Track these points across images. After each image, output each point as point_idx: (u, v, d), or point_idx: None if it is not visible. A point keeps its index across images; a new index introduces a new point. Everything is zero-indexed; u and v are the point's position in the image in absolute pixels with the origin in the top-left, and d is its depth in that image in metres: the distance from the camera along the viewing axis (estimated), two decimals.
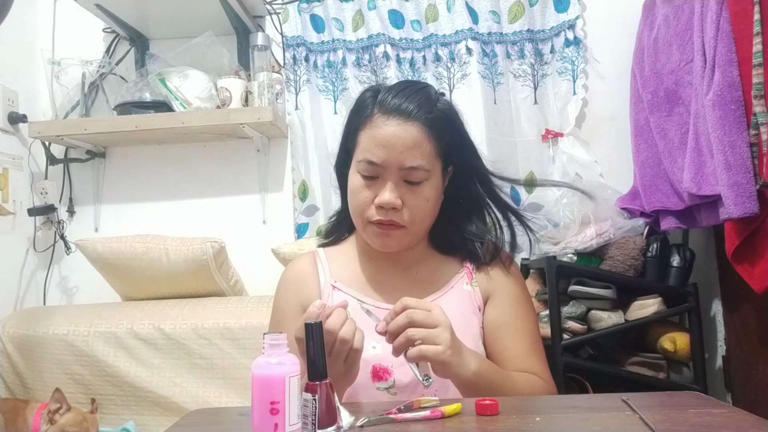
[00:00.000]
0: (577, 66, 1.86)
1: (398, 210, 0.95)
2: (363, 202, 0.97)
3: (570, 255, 1.59)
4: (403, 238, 0.99)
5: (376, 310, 0.93)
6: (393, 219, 0.96)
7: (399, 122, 0.94)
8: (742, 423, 0.67)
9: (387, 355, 0.91)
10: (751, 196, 1.21)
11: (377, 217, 0.96)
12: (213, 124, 1.78)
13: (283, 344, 0.62)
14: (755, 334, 1.50)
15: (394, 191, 0.94)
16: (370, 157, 0.95)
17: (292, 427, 0.61)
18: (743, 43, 1.23)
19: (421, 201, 0.97)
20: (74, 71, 1.96)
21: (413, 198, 0.96)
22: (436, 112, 0.97)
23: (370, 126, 0.96)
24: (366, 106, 0.99)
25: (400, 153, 0.93)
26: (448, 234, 1.08)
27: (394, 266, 1.06)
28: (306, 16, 1.95)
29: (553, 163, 1.87)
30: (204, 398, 1.60)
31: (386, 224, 0.96)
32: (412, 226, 0.98)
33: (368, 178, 0.97)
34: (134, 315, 1.68)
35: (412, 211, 0.96)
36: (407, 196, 0.96)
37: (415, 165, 0.94)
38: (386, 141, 0.94)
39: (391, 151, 0.93)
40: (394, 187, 0.95)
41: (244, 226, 1.97)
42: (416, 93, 0.97)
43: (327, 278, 1.06)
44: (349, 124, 1.03)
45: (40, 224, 1.99)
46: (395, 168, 0.94)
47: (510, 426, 0.68)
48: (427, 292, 1.03)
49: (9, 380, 1.69)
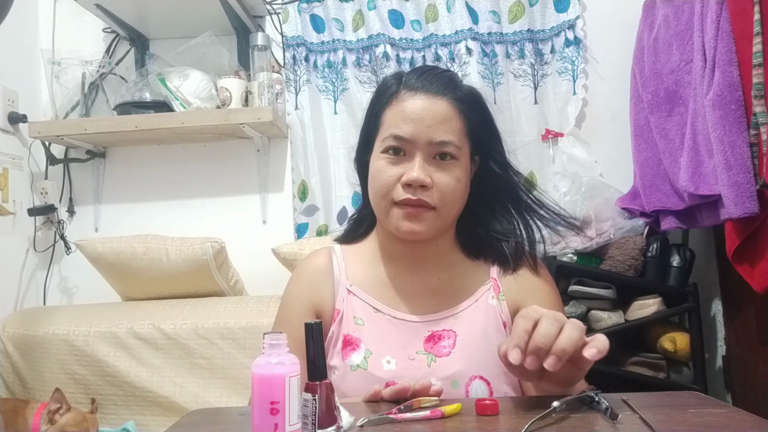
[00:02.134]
0: (577, 66, 1.86)
1: (428, 189, 0.87)
2: (388, 182, 0.89)
3: (570, 255, 1.59)
4: (433, 223, 0.90)
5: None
6: (422, 198, 0.87)
7: (428, 96, 0.89)
8: (742, 423, 0.67)
9: (402, 372, 0.88)
10: (751, 196, 1.21)
11: (404, 196, 0.87)
12: (213, 124, 1.78)
13: (283, 344, 0.62)
14: (755, 334, 1.50)
15: (423, 168, 0.87)
16: (396, 131, 0.88)
17: (292, 427, 0.61)
18: (743, 43, 1.23)
19: (453, 180, 0.89)
20: (74, 71, 1.96)
21: (444, 176, 0.88)
22: (464, 89, 0.93)
23: (396, 102, 0.91)
24: (389, 86, 0.94)
25: (430, 126, 0.87)
26: (474, 233, 1.00)
27: (415, 269, 0.98)
28: (306, 16, 1.95)
29: (553, 163, 1.87)
30: (204, 398, 1.60)
31: (414, 205, 0.88)
32: (443, 209, 0.89)
33: (394, 156, 0.89)
34: (134, 315, 1.68)
35: (442, 191, 0.88)
36: (437, 174, 0.88)
37: (446, 139, 0.87)
38: (414, 114, 0.88)
39: (420, 125, 0.87)
40: (423, 163, 0.87)
41: (244, 226, 1.97)
42: (442, 73, 0.93)
43: (343, 280, 0.98)
44: (372, 107, 0.96)
45: (40, 224, 1.99)
46: (425, 143, 0.87)
47: (510, 426, 0.68)
48: (450, 302, 0.95)
49: (9, 380, 1.68)
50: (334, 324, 0.95)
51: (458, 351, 0.90)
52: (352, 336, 0.93)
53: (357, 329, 0.93)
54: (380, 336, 0.92)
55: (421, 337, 0.92)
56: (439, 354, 0.91)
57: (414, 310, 0.95)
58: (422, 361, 0.90)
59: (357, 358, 0.91)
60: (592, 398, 0.72)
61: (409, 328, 0.93)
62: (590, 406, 0.72)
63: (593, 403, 0.72)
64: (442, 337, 0.92)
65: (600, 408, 0.71)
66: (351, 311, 0.95)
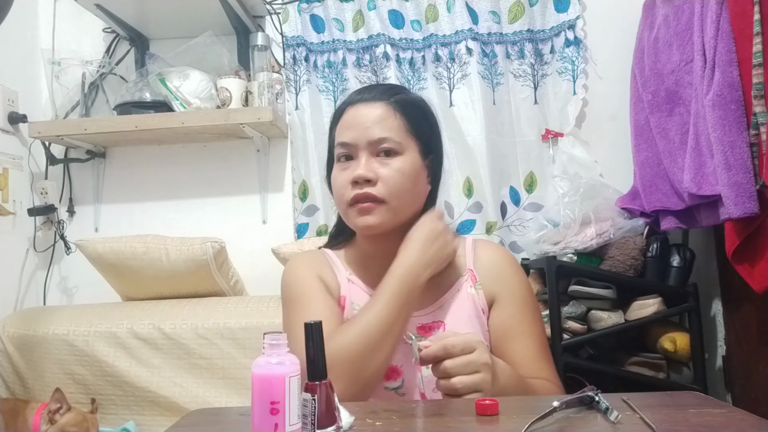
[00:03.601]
0: (577, 66, 1.86)
1: (373, 183, 0.95)
2: (341, 185, 0.98)
3: (570, 255, 1.59)
4: (384, 215, 0.96)
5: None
6: (368, 192, 0.95)
7: (365, 104, 0.99)
8: (742, 423, 0.67)
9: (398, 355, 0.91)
10: (751, 196, 1.21)
11: (353, 193, 0.96)
12: (213, 124, 1.78)
13: (283, 344, 0.62)
14: (755, 334, 1.50)
15: (366, 165, 0.96)
16: (341, 139, 0.99)
17: (293, 427, 0.61)
18: (743, 43, 1.23)
19: (395, 173, 0.96)
20: (74, 71, 1.96)
21: (386, 170, 0.96)
22: (400, 95, 1.02)
23: (342, 118, 1.02)
24: (338, 108, 1.05)
25: (367, 128, 0.97)
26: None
27: None
28: (306, 16, 1.95)
29: (553, 163, 1.87)
30: (204, 398, 1.60)
31: (363, 199, 0.95)
32: (392, 200, 0.96)
33: (344, 163, 0.99)
34: (134, 315, 1.68)
35: (387, 183, 0.95)
36: (381, 170, 0.96)
37: (383, 136, 0.96)
38: (353, 120, 0.99)
39: (359, 128, 0.97)
40: (366, 161, 0.96)
41: (244, 226, 1.97)
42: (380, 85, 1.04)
43: (342, 270, 1.05)
44: (330, 132, 1.06)
45: (40, 224, 1.99)
46: (365, 143, 0.97)
47: (510, 426, 0.68)
48: (433, 296, 1.01)
49: (9, 380, 1.69)
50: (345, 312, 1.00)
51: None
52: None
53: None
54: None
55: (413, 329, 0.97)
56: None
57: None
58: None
59: None
60: (592, 398, 0.72)
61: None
62: (590, 406, 0.72)
63: (593, 403, 0.72)
64: (432, 327, 0.99)
65: (600, 408, 0.71)
66: (351, 299, 1.01)
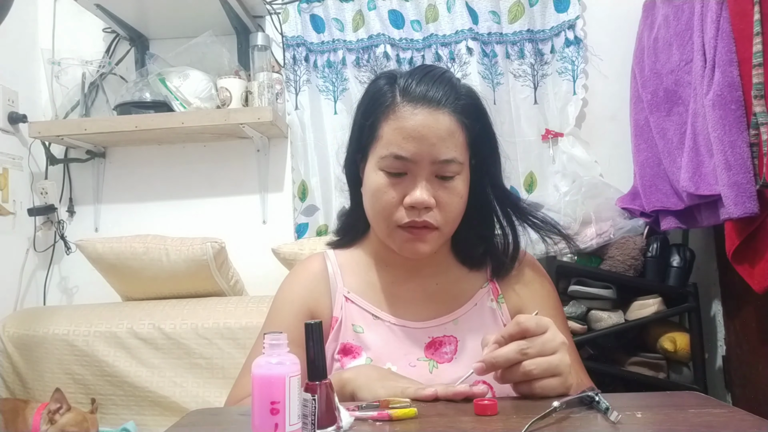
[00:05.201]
0: (577, 66, 1.86)
1: (431, 210, 0.85)
2: (389, 203, 0.85)
3: (570, 255, 1.59)
4: (437, 242, 0.88)
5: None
6: (426, 220, 0.84)
7: (429, 111, 0.84)
8: (742, 423, 0.67)
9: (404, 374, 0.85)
10: (751, 196, 1.21)
11: (408, 219, 0.85)
12: (213, 124, 1.78)
13: (283, 344, 0.62)
14: (755, 334, 1.50)
15: (427, 189, 0.83)
16: (397, 151, 0.83)
17: (293, 427, 0.61)
18: (743, 43, 1.23)
19: (455, 198, 0.86)
20: (74, 71, 1.96)
21: (447, 195, 0.85)
22: (464, 98, 0.87)
23: (395, 117, 0.85)
24: (384, 94, 0.88)
25: (433, 145, 0.83)
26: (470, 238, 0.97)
27: (412, 276, 0.96)
28: (306, 16, 1.95)
29: (553, 163, 1.87)
30: (204, 398, 1.60)
31: (419, 227, 0.85)
32: (446, 227, 0.87)
33: (394, 176, 0.85)
34: (134, 315, 1.68)
35: (446, 210, 0.86)
36: (440, 193, 0.85)
37: (449, 158, 0.83)
38: (417, 132, 0.83)
39: (423, 144, 0.83)
40: (426, 184, 0.84)
41: (244, 226, 1.97)
42: (440, 78, 0.87)
43: (340, 287, 0.96)
44: (365, 116, 0.91)
45: (40, 224, 1.99)
46: (427, 162, 0.83)
47: (510, 426, 0.68)
48: (448, 307, 0.93)
49: (9, 380, 1.69)
50: (333, 331, 0.93)
51: (460, 357, 0.90)
52: (352, 344, 0.92)
53: (357, 337, 0.92)
54: (381, 343, 0.91)
55: (421, 343, 0.91)
56: (440, 360, 0.90)
57: (413, 317, 0.93)
58: (423, 367, 0.89)
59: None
60: (592, 398, 0.72)
61: (409, 335, 0.92)
62: (590, 406, 0.72)
63: (593, 403, 0.72)
64: (443, 343, 0.91)
65: (600, 408, 0.71)
66: (349, 319, 0.93)
